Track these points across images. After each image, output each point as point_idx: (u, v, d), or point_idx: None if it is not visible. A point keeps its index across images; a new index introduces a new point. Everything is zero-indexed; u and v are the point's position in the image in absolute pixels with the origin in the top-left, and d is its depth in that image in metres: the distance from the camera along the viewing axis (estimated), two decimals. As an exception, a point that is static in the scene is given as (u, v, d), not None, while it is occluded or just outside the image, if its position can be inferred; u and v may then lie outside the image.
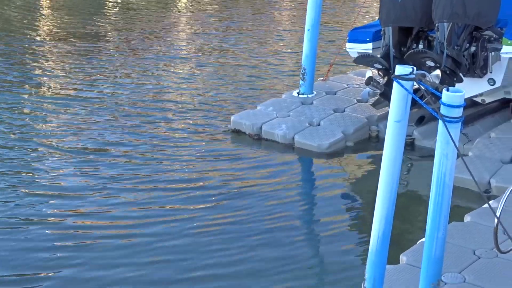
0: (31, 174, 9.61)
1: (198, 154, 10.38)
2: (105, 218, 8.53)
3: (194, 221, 8.52)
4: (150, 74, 14.11)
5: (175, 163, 10.04)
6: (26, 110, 11.92)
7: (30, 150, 10.33)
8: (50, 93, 12.84)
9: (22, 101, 12.31)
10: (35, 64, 14.53)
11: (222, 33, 17.53)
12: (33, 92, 12.82)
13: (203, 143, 10.80)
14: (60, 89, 13.04)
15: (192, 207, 8.85)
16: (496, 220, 5.69)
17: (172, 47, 16.07)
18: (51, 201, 8.89)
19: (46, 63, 14.65)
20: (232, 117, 11.33)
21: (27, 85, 13.15)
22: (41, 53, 15.32)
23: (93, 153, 10.30)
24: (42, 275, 7.40)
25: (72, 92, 12.83)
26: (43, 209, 8.69)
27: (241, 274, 7.49)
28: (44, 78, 13.67)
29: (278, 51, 16.11)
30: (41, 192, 9.10)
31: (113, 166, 9.90)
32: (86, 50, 15.55)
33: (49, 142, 10.62)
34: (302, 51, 11.94)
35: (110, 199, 8.96)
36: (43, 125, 11.31)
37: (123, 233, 8.22)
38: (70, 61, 14.73)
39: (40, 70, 14.14)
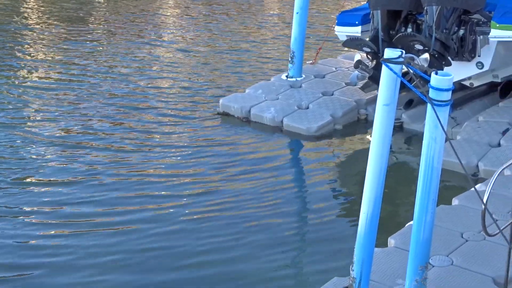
0: (19, 162, 9.52)
1: (186, 138, 10.36)
2: (96, 206, 8.46)
3: (184, 207, 8.51)
4: (136, 59, 14.06)
5: (164, 149, 10.01)
6: (12, 96, 11.85)
7: (17, 137, 10.27)
8: (34, 79, 12.77)
9: (6, 87, 12.21)
10: (19, 48, 14.42)
11: (209, 17, 17.46)
12: (17, 77, 12.73)
13: (192, 127, 10.78)
14: (43, 76, 12.95)
15: (181, 193, 8.83)
16: (484, 202, 5.71)
17: (157, 33, 16.02)
18: (41, 189, 8.83)
19: (29, 49, 14.56)
20: (221, 100, 11.31)
21: (10, 70, 13.02)
22: (23, 38, 15.21)
23: (81, 140, 10.21)
24: (35, 261, 7.37)
25: (56, 78, 12.76)
26: (33, 197, 8.62)
27: (232, 259, 7.50)
28: (27, 63, 13.60)
29: (266, 34, 16.08)
30: (30, 180, 9.04)
31: (103, 152, 9.83)
32: (70, 35, 15.47)
33: (35, 129, 10.53)
34: (290, 35, 11.91)
35: (100, 186, 8.89)
36: (30, 113, 11.24)
37: (116, 220, 8.17)
38: (53, 47, 14.66)
39: (23, 55, 14.05)
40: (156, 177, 9.20)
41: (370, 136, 5.82)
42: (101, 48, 14.53)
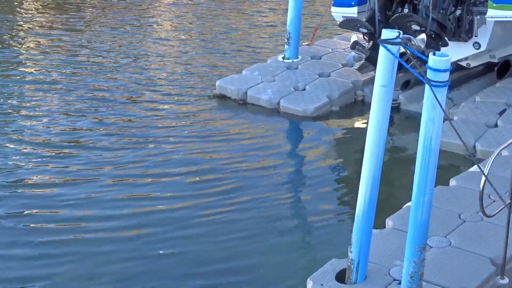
0: (15, 163, 9.18)
1: (182, 121, 10.32)
2: (100, 208, 8.16)
3: (184, 189, 8.54)
4: (131, 43, 13.95)
5: (161, 132, 9.97)
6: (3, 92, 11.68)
7: (13, 134, 10.03)
8: (25, 72, 12.52)
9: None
10: (11, 42, 14.25)
11: (203, 1, 17.39)
12: (11, 71, 12.57)
13: (188, 108, 10.75)
14: (34, 69, 12.75)
15: (180, 180, 8.81)
16: (482, 183, 5.71)
17: (151, 17, 15.86)
18: (42, 191, 8.53)
19: (18, 40, 14.48)
20: (217, 82, 11.27)
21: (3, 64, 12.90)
22: (17, 33, 15.07)
23: (79, 136, 9.96)
24: (45, 271, 7.10)
25: (49, 71, 12.54)
26: (36, 200, 8.34)
27: (229, 239, 7.54)
28: (20, 56, 13.51)
29: (263, 15, 16.01)
30: (30, 182, 8.73)
31: (103, 149, 9.56)
32: (63, 24, 15.36)
33: (32, 125, 10.25)
34: (287, 16, 11.86)
35: (102, 187, 8.55)
36: (27, 107, 11.02)
37: (124, 224, 7.86)
38: (47, 34, 14.57)
39: (18, 48, 13.90)
40: (158, 174, 8.98)
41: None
42: (93, 38, 14.36)
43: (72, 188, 8.48)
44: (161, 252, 7.32)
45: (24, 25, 14.88)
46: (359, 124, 10.57)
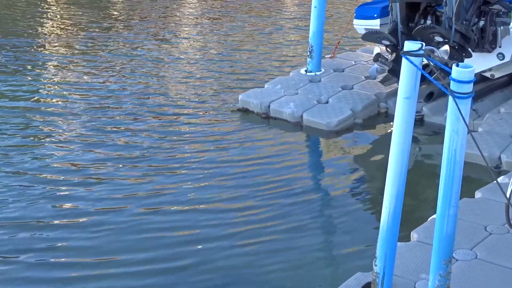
0: (44, 158, 9.45)
1: (205, 135, 10.32)
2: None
3: (205, 201, 8.53)
4: (153, 56, 14.02)
5: (183, 145, 9.99)
6: (32, 94, 11.84)
7: (42, 132, 10.30)
8: (53, 74, 12.79)
9: (26, 85, 12.20)
10: (40, 49, 14.43)
11: (226, 12, 17.43)
12: (38, 77, 12.69)
13: (210, 122, 10.75)
14: (67, 63, 13.03)
15: (202, 188, 8.83)
16: (508, 195, 5.65)
17: (175, 28, 15.93)
18: (60, 186, 8.75)
19: (52, 51, 14.60)
20: (240, 96, 11.28)
21: (30, 71, 12.99)
22: (45, 41, 15.23)
23: (100, 135, 10.18)
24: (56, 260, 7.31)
25: (74, 73, 12.78)
26: (56, 193, 8.57)
27: (254, 252, 7.53)
28: (52, 64, 13.63)
29: (285, 29, 16.03)
30: (52, 177, 8.96)
31: (123, 149, 9.75)
32: (89, 30, 15.51)
33: (56, 124, 10.53)
34: (309, 29, 11.86)
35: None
36: (54, 107, 11.26)
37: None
38: (71, 40, 14.70)
39: (45, 57, 14.04)
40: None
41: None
42: (117, 43, 14.50)
43: (103, 216, 8.19)
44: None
45: (44, 41, 14.99)
46: (382, 136, 10.52)
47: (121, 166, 9.30)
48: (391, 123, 5.78)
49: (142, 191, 8.71)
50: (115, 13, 17.21)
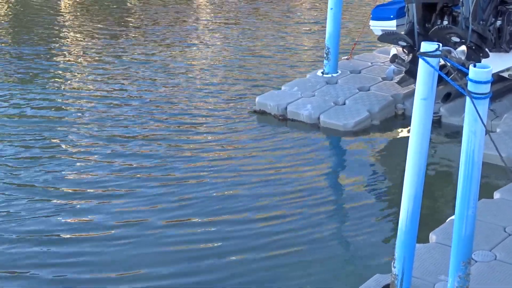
0: (59, 170, 9.35)
1: (223, 142, 10.32)
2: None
3: (218, 201, 8.57)
4: (170, 57, 14.07)
5: (201, 146, 10.02)
6: (44, 103, 11.84)
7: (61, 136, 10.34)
8: (70, 80, 12.85)
9: (38, 94, 12.18)
10: (53, 58, 14.44)
11: (244, 14, 17.45)
12: (50, 86, 12.69)
13: (228, 124, 10.77)
14: (79, 71, 13.06)
15: (216, 184, 8.91)
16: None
17: (188, 34, 15.89)
18: (78, 199, 8.65)
19: (71, 57, 14.66)
20: (257, 98, 11.29)
21: (42, 80, 12.96)
22: (58, 49, 15.28)
23: (115, 145, 10.09)
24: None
25: (90, 79, 12.84)
26: (74, 206, 8.48)
27: (268, 251, 7.56)
28: (72, 68, 13.69)
29: (301, 30, 16.02)
30: (69, 189, 8.89)
31: (141, 159, 9.68)
32: (109, 35, 15.57)
33: (70, 134, 10.47)
34: (324, 32, 11.85)
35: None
36: (68, 117, 11.27)
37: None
38: (96, 41, 14.76)
39: (58, 65, 14.07)
40: (200, 182, 9.05)
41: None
42: (131, 51, 14.53)
43: (124, 229, 8.09)
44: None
45: (56, 49, 15.06)
46: (400, 137, 10.50)
47: (139, 176, 9.22)
48: (409, 124, 5.75)
49: (163, 202, 8.60)
50: (128, 20, 17.26)
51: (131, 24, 16.56)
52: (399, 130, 10.74)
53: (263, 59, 13.96)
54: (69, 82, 12.77)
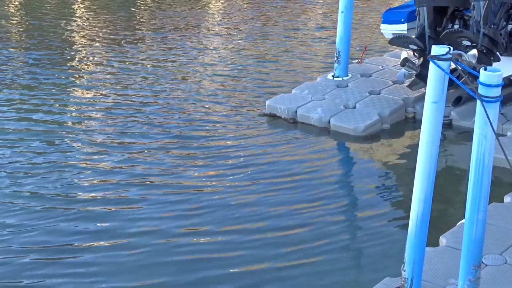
0: (73, 178, 9.32)
1: (233, 140, 10.35)
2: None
3: (231, 208, 8.56)
4: (180, 60, 14.09)
5: (210, 150, 10.03)
6: (59, 108, 11.87)
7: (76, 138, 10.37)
8: (81, 84, 12.91)
9: (53, 99, 12.21)
10: (68, 63, 14.53)
11: (254, 19, 17.47)
12: (65, 91, 12.76)
13: (238, 128, 10.78)
14: (96, 75, 13.12)
15: (230, 192, 8.88)
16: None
17: (198, 39, 15.86)
18: (93, 206, 8.63)
19: (83, 63, 14.72)
20: (267, 102, 11.30)
21: (57, 85, 13.01)
22: (73, 54, 15.36)
23: (129, 151, 10.09)
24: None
25: (100, 82, 12.89)
26: (89, 214, 8.43)
27: (278, 255, 7.56)
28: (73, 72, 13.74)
29: (311, 34, 16.03)
30: (83, 196, 8.90)
31: (154, 165, 9.67)
32: (122, 40, 15.62)
33: (84, 140, 10.46)
34: (336, 34, 11.86)
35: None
36: (83, 119, 11.36)
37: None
38: (105, 47, 14.81)
39: (73, 70, 14.16)
40: (209, 189, 9.03)
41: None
42: (142, 55, 14.57)
43: (139, 238, 8.02)
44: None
45: (71, 54, 15.11)
46: (410, 141, 10.48)
47: (152, 183, 9.22)
48: (419, 127, 5.74)
49: (176, 211, 8.53)
50: (137, 26, 17.31)
51: (140, 30, 16.56)
52: (410, 133, 10.72)
53: (273, 63, 13.95)
54: (80, 88, 12.77)
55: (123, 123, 11.03)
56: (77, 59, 14.36)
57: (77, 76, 13.37)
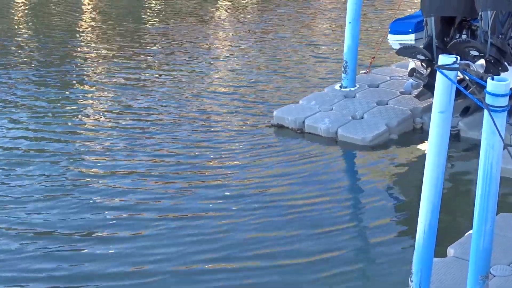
0: (84, 182, 9.34)
1: (241, 150, 10.33)
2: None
3: (239, 216, 8.55)
4: (188, 70, 14.09)
5: (218, 160, 10.01)
6: (70, 112, 11.94)
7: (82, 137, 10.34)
8: (96, 88, 12.92)
9: (64, 103, 12.29)
10: (81, 68, 14.57)
11: (263, 28, 17.49)
12: (77, 94, 12.81)
13: (246, 138, 10.76)
14: (105, 86, 13.13)
15: (236, 205, 8.84)
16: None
17: (206, 49, 15.85)
18: (105, 210, 8.64)
19: (91, 65, 14.75)
20: (275, 112, 11.29)
21: (69, 89, 13.09)
22: (85, 56, 15.39)
23: (138, 156, 10.12)
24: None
25: (111, 83, 12.91)
26: (102, 222, 8.41)
27: (284, 270, 7.50)
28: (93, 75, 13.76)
29: (319, 44, 16.03)
30: (96, 200, 8.92)
31: (161, 169, 9.73)
32: (131, 43, 15.66)
33: (95, 144, 10.51)
34: (343, 44, 11.85)
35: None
36: (91, 129, 11.32)
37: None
38: (115, 59, 14.85)
39: (84, 75, 14.18)
40: (208, 188, 9.10)
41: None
42: (150, 63, 14.59)
43: (146, 242, 8.05)
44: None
45: (83, 59, 15.14)
46: (418, 151, 10.46)
47: (157, 185, 9.25)
48: (427, 138, 5.72)
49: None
50: (147, 36, 17.33)
51: (150, 40, 16.59)
52: (417, 144, 10.69)
53: (281, 74, 13.93)
54: (96, 92, 12.84)
55: (132, 129, 11.07)
56: (82, 74, 14.29)
57: (90, 81, 13.45)
